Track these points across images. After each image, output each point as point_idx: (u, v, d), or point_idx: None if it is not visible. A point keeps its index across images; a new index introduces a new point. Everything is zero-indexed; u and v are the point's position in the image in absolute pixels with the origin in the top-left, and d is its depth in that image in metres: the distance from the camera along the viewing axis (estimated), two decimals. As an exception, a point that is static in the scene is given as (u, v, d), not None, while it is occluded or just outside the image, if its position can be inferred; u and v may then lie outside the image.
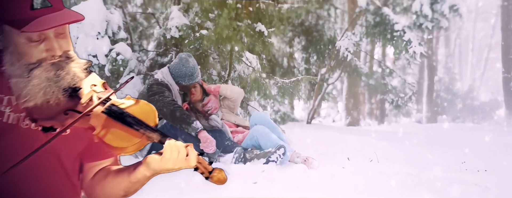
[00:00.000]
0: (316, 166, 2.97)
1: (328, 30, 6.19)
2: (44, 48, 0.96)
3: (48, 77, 0.95)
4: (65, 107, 0.95)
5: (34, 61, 0.96)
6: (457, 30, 17.69)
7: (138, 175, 1.00)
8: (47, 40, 0.96)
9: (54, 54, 0.97)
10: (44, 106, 0.96)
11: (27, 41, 0.95)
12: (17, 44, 0.96)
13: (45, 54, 0.96)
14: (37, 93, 0.95)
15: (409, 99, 9.86)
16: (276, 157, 2.98)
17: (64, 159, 1.03)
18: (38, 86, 0.95)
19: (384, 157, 3.34)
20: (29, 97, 0.95)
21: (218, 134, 3.32)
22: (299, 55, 6.64)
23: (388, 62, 13.85)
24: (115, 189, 1.04)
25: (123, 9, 5.11)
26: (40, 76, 0.95)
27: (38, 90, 0.95)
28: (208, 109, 3.58)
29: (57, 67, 0.96)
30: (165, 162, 0.96)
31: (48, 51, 0.96)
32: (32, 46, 0.96)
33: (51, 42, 0.96)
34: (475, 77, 20.21)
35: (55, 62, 0.97)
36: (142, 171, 0.99)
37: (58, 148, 1.01)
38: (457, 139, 4.66)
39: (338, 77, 6.47)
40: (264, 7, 4.85)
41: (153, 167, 0.98)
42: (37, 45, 0.96)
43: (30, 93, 0.95)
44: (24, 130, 0.99)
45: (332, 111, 13.56)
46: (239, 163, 3.05)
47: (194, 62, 3.56)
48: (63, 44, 0.99)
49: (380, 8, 5.51)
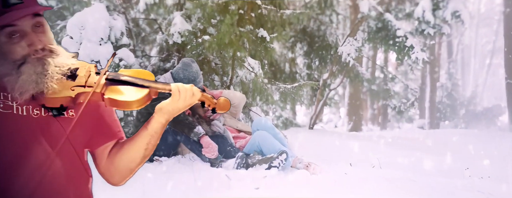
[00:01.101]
0: (318, 172, 2.96)
1: (330, 36, 6.20)
2: (26, 44, 1.00)
3: (36, 71, 0.99)
4: (68, 86, 1.01)
5: (18, 58, 1.00)
6: (460, 36, 17.69)
7: (155, 125, 1.07)
8: (26, 36, 1.00)
9: (36, 49, 1.01)
10: (42, 94, 1.00)
11: (7, 39, 1.00)
12: (1, 44, 1.00)
13: (28, 50, 1.00)
14: (29, 86, 0.99)
15: (412, 104, 9.85)
16: (278, 162, 2.98)
17: (73, 139, 1.07)
18: (28, 80, 0.99)
19: (386, 162, 3.33)
20: (22, 90, 0.99)
21: (220, 139, 3.32)
22: (301, 61, 6.65)
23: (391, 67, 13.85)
24: (134, 151, 1.10)
25: (126, 15, 5.14)
26: (28, 71, 0.99)
27: (28, 83, 0.99)
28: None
29: (44, 62, 1.01)
30: (176, 102, 1.06)
31: (30, 46, 1.01)
32: (14, 43, 0.99)
33: (31, 37, 1.00)
34: (478, 83, 20.16)
35: (41, 58, 1.01)
36: (157, 119, 1.07)
37: (70, 131, 1.05)
38: (460, 145, 4.63)
39: (340, 82, 6.46)
40: (266, 13, 4.87)
41: (167, 110, 1.06)
42: (18, 41, 0.99)
43: (22, 87, 0.99)
44: (35, 119, 1.03)
45: (334, 117, 13.54)
46: (241, 169, 3.05)
47: (196, 67, 3.57)
48: (43, 38, 1.03)
49: (382, 14, 5.52)
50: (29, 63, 0.99)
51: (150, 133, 1.08)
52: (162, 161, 3.27)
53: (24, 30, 1.00)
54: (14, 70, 1.00)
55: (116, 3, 5.43)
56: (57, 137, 1.03)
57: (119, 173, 1.12)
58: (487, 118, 12.91)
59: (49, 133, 1.03)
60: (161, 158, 3.32)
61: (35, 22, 1.01)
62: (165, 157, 3.34)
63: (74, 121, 1.04)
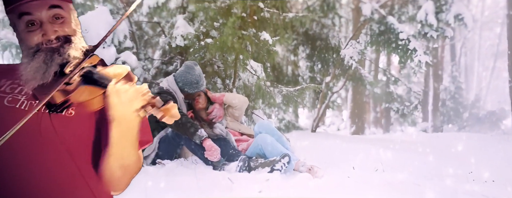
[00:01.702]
0: (321, 175, 2.95)
1: (332, 39, 6.20)
2: (40, 33, 1.03)
3: (44, 60, 1.02)
4: (58, 83, 1.00)
5: (33, 45, 1.03)
6: (463, 39, 17.65)
7: (114, 134, 1.00)
8: (42, 25, 1.03)
9: (49, 38, 1.03)
10: (41, 87, 1.02)
11: (25, 27, 1.04)
12: (19, 31, 1.06)
13: (41, 39, 1.03)
14: (33, 75, 1.01)
15: (415, 107, 9.82)
16: (280, 165, 2.97)
17: (70, 142, 1.05)
18: (35, 67, 1.02)
19: (389, 166, 3.32)
20: (27, 78, 1.02)
21: (222, 142, 3.32)
22: (303, 64, 6.65)
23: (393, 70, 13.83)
24: (108, 160, 1.04)
25: (129, 18, 5.16)
26: (39, 60, 1.02)
27: (33, 72, 1.01)
28: (212, 117, 3.58)
29: (54, 51, 1.03)
30: (118, 109, 0.97)
31: (43, 36, 1.03)
32: (30, 31, 1.04)
33: (46, 27, 1.03)
34: (482, 87, 20.10)
35: (53, 47, 1.03)
36: (113, 127, 1.00)
37: (63, 131, 1.04)
38: (463, 148, 4.61)
39: (342, 85, 6.46)
40: (269, 16, 4.88)
41: (115, 117, 0.98)
42: (34, 30, 1.03)
43: (28, 74, 1.02)
44: (36, 114, 1.02)
45: (336, 119, 13.51)
46: (243, 172, 3.04)
47: (199, 70, 3.58)
48: (59, 29, 1.05)
49: (384, 17, 5.52)
50: (42, 52, 1.03)
51: (112, 141, 1.01)
52: (164, 163, 3.27)
53: (41, 20, 1.03)
54: (29, 57, 1.03)
55: (120, 7, 5.46)
56: (46, 135, 1.02)
57: (108, 182, 1.08)
58: (491, 121, 12.86)
59: (39, 130, 1.02)
60: (164, 160, 3.32)
61: (54, 14, 1.04)
62: (168, 160, 3.34)
63: (65, 119, 1.03)
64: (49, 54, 1.02)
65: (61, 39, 1.04)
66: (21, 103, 1.05)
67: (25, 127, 0.99)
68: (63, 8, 1.06)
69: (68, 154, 1.04)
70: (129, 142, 1.02)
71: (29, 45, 1.04)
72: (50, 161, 1.03)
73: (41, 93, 1.02)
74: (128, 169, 1.06)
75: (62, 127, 1.04)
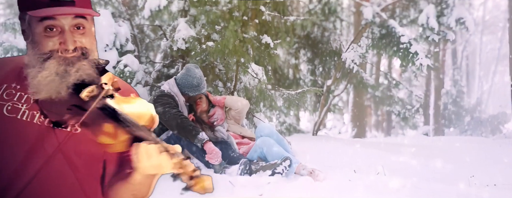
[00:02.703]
0: (322, 178, 2.95)
1: (333, 42, 6.20)
2: (58, 41, 0.98)
3: (57, 71, 0.96)
4: (69, 103, 0.94)
5: (46, 51, 0.98)
6: (464, 42, 17.65)
7: (136, 178, 0.98)
8: (63, 33, 0.98)
9: (66, 48, 0.97)
10: (49, 100, 0.97)
11: (44, 31, 0.98)
12: (35, 33, 0.99)
13: (58, 47, 0.98)
14: (44, 87, 0.96)
15: (416, 111, 9.81)
16: (282, 169, 2.97)
17: (74, 159, 1.01)
18: (46, 79, 0.96)
19: (390, 169, 3.31)
20: (36, 89, 0.97)
21: (223, 146, 3.32)
22: (305, 67, 6.65)
23: (395, 74, 13.83)
24: (123, 193, 1.02)
25: (131, 22, 5.18)
26: (50, 69, 0.96)
27: (45, 83, 0.96)
28: (214, 120, 3.58)
29: (68, 63, 0.98)
30: (142, 168, 0.93)
31: (61, 45, 0.98)
32: (48, 37, 0.98)
33: (66, 35, 0.98)
34: (483, 90, 20.07)
35: (68, 58, 0.98)
36: (135, 174, 0.97)
37: (68, 147, 1.00)
38: (465, 152, 4.60)
39: (344, 89, 6.45)
40: (270, 19, 4.89)
41: (140, 171, 0.94)
42: (52, 36, 0.98)
43: (37, 85, 0.97)
44: (38, 126, 0.99)
45: (338, 123, 13.50)
46: (244, 175, 3.04)
47: (200, 73, 3.58)
48: (79, 41, 0.99)
49: (386, 20, 5.52)
50: (54, 60, 0.97)
51: (131, 183, 0.99)
52: (165, 167, 3.27)
53: (62, 27, 0.98)
54: (38, 64, 0.98)
55: (121, 10, 5.48)
56: (49, 150, 0.98)
57: None
58: (492, 125, 12.82)
59: (43, 144, 0.98)
60: (165, 163, 3.31)
61: (76, 23, 0.99)
62: (169, 163, 3.33)
63: (70, 135, 0.99)
64: (63, 65, 0.97)
65: (78, 50, 0.99)
66: (22, 113, 0.99)
67: (27, 138, 0.97)
68: (87, 19, 1.01)
69: (71, 170, 1.01)
70: (149, 183, 1.01)
71: (42, 50, 0.98)
72: (53, 176, 0.99)
73: (49, 108, 0.97)
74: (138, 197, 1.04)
75: (67, 143, 1.00)
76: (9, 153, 0.97)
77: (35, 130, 0.98)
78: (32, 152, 0.97)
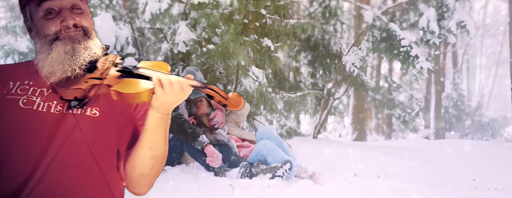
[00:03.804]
0: (322, 182, 2.94)
1: (334, 45, 6.21)
2: (59, 20, 1.02)
3: (65, 50, 1.00)
4: (85, 78, 0.99)
5: (51, 34, 1.02)
6: (465, 46, 17.66)
7: (150, 120, 1.01)
8: (61, 12, 1.02)
9: (68, 25, 1.01)
10: (65, 80, 1.00)
11: (44, 14, 1.02)
12: (37, 21, 1.04)
13: (59, 26, 1.02)
14: (57, 67, 1.00)
15: (417, 114, 9.79)
16: (282, 172, 2.96)
17: (93, 144, 1.03)
18: (57, 60, 1.00)
19: (391, 173, 3.30)
20: (50, 71, 1.00)
21: (224, 148, 3.32)
22: (305, 70, 6.66)
23: (395, 77, 13.83)
24: (140, 153, 1.04)
25: (132, 25, 5.18)
26: (59, 50, 1.00)
27: (57, 64, 1.00)
28: (214, 123, 3.58)
29: (74, 40, 1.01)
30: (162, 96, 0.97)
31: (62, 23, 1.02)
32: (49, 19, 1.02)
33: (65, 13, 1.02)
34: (484, 94, 20.05)
35: (72, 35, 1.02)
36: (151, 114, 1.01)
37: (87, 131, 1.02)
38: (466, 155, 4.59)
39: (344, 92, 6.45)
40: (271, 22, 4.89)
41: (156, 105, 0.99)
42: (52, 18, 1.02)
43: (50, 66, 1.00)
44: (55, 115, 1.02)
45: (338, 126, 13.50)
46: (245, 178, 3.03)
47: (201, 76, 3.59)
48: (78, 19, 1.03)
49: (386, 24, 5.53)
50: (60, 41, 1.01)
51: (147, 129, 1.02)
52: (166, 170, 3.27)
53: (60, 7, 1.02)
54: (46, 47, 1.01)
55: (122, 13, 5.49)
56: (72, 138, 1.00)
57: (135, 180, 1.08)
58: (493, 128, 12.80)
59: (65, 132, 1.00)
60: (165, 167, 3.30)
61: (73, 4, 1.03)
62: (169, 166, 3.33)
63: (90, 119, 1.02)
64: (69, 43, 1.01)
65: (79, 27, 1.03)
66: (38, 104, 1.02)
67: (46, 128, 1.00)
68: (82, 1, 1.06)
69: (92, 155, 1.03)
70: (163, 130, 1.03)
71: (46, 33, 1.02)
72: (76, 162, 1.02)
73: (66, 88, 1.00)
74: (158, 161, 1.06)
75: (88, 127, 1.02)
76: (30, 141, 1.00)
77: (53, 118, 1.01)
78: (52, 135, 1.00)
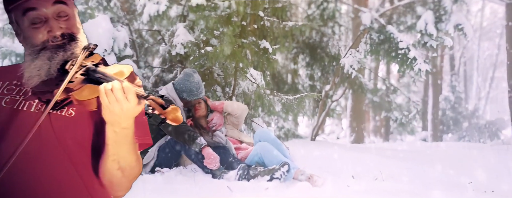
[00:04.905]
0: (320, 184, 2.94)
1: (332, 47, 6.22)
2: (45, 30, 1.02)
3: (48, 56, 1.01)
4: (57, 81, 0.98)
5: (38, 43, 1.02)
6: (462, 49, 17.72)
7: (109, 135, 0.98)
8: (48, 22, 1.02)
9: (54, 35, 1.01)
10: (42, 83, 1.00)
11: (30, 24, 1.02)
12: (24, 30, 1.04)
13: (47, 36, 1.01)
14: (37, 72, 1.00)
15: (413, 117, 9.81)
16: (280, 174, 2.96)
17: (69, 144, 1.02)
18: (37, 66, 1.00)
19: (389, 175, 3.30)
20: (31, 75, 1.01)
21: (222, 150, 3.31)
22: (303, 72, 6.67)
23: (393, 79, 13.87)
24: (106, 163, 1.02)
25: (130, 27, 5.18)
26: (43, 58, 1.01)
27: (36, 70, 1.00)
28: (212, 125, 3.58)
29: (59, 48, 1.02)
30: (108, 110, 0.92)
31: (49, 33, 1.02)
32: (35, 29, 1.02)
33: (51, 23, 1.02)
34: (481, 96, 20.11)
35: (59, 44, 1.02)
36: (107, 127, 0.97)
37: (62, 131, 1.01)
38: (463, 158, 4.59)
39: (342, 94, 6.46)
40: (269, 24, 4.90)
41: (107, 119, 0.95)
42: (39, 27, 1.02)
43: (29, 72, 1.01)
44: (35, 114, 1.02)
45: (336, 128, 13.49)
46: (242, 180, 3.03)
47: (198, 78, 3.58)
48: (64, 27, 1.03)
49: (384, 26, 5.54)
50: (47, 50, 1.01)
51: (108, 142, 0.99)
52: (163, 172, 3.26)
53: (46, 16, 1.02)
54: (33, 56, 1.02)
55: (120, 15, 5.49)
56: (44, 136, 0.99)
57: (108, 186, 1.06)
58: (490, 131, 12.83)
59: (38, 131, 0.97)
60: (163, 169, 3.30)
61: (59, 11, 1.03)
62: (167, 168, 3.33)
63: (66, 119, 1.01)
64: (54, 51, 1.01)
65: (66, 36, 1.03)
66: (19, 103, 1.03)
67: (24, 127, 0.99)
68: (67, 5, 1.05)
69: (66, 155, 1.02)
70: (125, 144, 1.00)
71: (34, 43, 1.02)
72: (48, 162, 1.00)
73: (42, 90, 1.00)
74: (126, 171, 1.04)
75: (61, 127, 1.02)
76: (6, 139, 1.00)
77: (32, 117, 1.01)
78: (26, 134, 0.97)
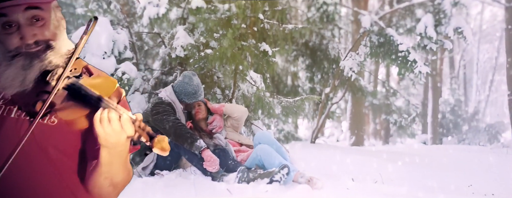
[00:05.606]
0: (320, 187, 2.94)
1: (332, 50, 6.22)
2: (18, 36, 0.97)
3: (23, 66, 0.96)
4: (38, 90, 0.95)
5: (11, 49, 0.97)
6: (462, 52, 17.74)
7: (103, 156, 0.96)
8: (20, 28, 0.97)
9: (27, 42, 0.96)
10: (21, 93, 0.96)
11: (2, 29, 0.97)
12: None
13: (20, 43, 0.97)
14: (10, 82, 0.96)
15: (413, 120, 9.81)
16: (279, 176, 2.95)
17: (52, 152, 1.00)
18: (13, 73, 0.96)
19: (388, 178, 3.30)
20: (5, 85, 0.96)
21: (221, 153, 3.31)
22: (303, 75, 6.67)
23: (392, 82, 13.87)
24: (97, 181, 1.01)
25: (130, 29, 5.18)
26: (17, 65, 0.96)
27: (11, 79, 0.96)
28: (212, 127, 3.58)
29: (34, 57, 0.97)
30: (104, 139, 0.92)
31: (21, 40, 0.97)
32: (8, 34, 0.97)
33: (24, 30, 0.97)
34: (481, 99, 20.11)
35: (34, 52, 0.97)
36: (102, 149, 0.96)
37: (44, 140, 0.99)
38: (463, 161, 4.59)
39: (342, 96, 6.46)
40: (269, 27, 4.91)
41: (103, 144, 0.94)
42: (12, 32, 0.97)
43: (5, 82, 0.96)
44: (15, 120, 0.99)
45: (336, 130, 13.50)
46: (242, 183, 3.02)
47: (198, 80, 3.59)
48: (39, 33, 0.98)
49: (384, 29, 5.54)
50: (21, 56, 0.96)
51: (102, 163, 0.97)
52: (163, 174, 3.25)
53: (18, 22, 0.97)
54: (6, 61, 0.97)
55: (120, 18, 5.49)
56: (26, 143, 0.94)
57: (97, 196, 1.05)
58: (490, 134, 12.82)
59: (17, 137, 0.94)
60: (162, 171, 3.30)
61: (32, 16, 0.97)
62: (166, 171, 3.32)
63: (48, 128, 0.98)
64: (28, 59, 0.96)
65: (41, 43, 0.98)
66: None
67: (5, 132, 0.97)
68: (42, 9, 0.99)
69: (50, 163, 0.99)
70: (119, 163, 0.98)
71: (7, 48, 0.98)
72: (31, 169, 0.98)
73: (22, 99, 0.97)
74: (119, 185, 1.03)
75: (43, 135, 0.98)
76: None
77: (12, 123, 0.98)
78: (6, 139, 0.96)
